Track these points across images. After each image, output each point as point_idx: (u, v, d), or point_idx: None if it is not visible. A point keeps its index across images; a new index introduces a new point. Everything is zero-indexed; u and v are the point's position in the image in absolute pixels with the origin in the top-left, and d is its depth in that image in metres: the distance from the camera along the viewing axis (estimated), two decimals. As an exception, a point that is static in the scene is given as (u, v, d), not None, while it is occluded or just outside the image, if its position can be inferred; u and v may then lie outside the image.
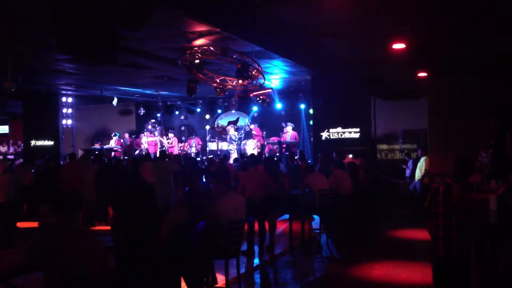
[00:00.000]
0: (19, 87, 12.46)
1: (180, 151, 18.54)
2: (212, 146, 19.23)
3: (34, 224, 10.68)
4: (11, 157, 19.60)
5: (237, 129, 19.12)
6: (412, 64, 12.03)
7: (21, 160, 17.88)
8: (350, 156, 13.11)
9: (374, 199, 12.60)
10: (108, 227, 8.96)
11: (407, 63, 11.75)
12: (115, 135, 19.78)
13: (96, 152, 15.94)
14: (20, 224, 9.99)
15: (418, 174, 13.87)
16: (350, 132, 14.37)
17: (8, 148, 21.68)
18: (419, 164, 13.88)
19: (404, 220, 11.99)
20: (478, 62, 11.81)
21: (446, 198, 4.35)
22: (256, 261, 7.94)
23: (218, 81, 13.86)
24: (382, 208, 13.36)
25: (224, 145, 18.82)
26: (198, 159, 16.02)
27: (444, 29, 8.96)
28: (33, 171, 12.86)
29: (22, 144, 21.64)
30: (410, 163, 15.22)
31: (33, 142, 19.60)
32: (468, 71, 12.76)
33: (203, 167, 13.46)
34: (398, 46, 9.84)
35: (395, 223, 11.33)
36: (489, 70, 12.27)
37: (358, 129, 14.32)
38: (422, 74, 13.16)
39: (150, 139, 19.32)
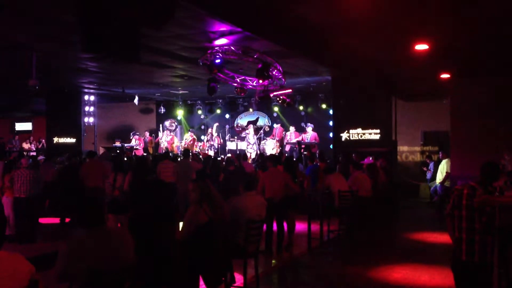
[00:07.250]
0: (42, 85, 12.66)
1: (200, 150, 18.61)
2: (231, 145, 19.26)
3: (56, 220, 10.88)
4: (34, 153, 19.89)
5: (256, 129, 19.13)
6: (434, 65, 11.88)
7: (42, 156, 18.13)
8: (371, 158, 13.00)
9: (394, 201, 12.49)
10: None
11: (430, 64, 11.61)
12: (134, 134, 19.97)
13: (118, 151, 16.10)
14: (42, 220, 10.15)
15: (439, 177, 13.70)
16: (370, 133, 14.25)
17: (31, 145, 22.02)
18: (440, 167, 13.72)
19: (424, 222, 11.85)
20: (501, 64, 11.61)
21: (470, 201, 4.28)
22: (274, 261, 7.95)
23: (238, 80, 13.88)
24: (402, 211, 13.22)
25: (243, 145, 18.84)
26: (219, 158, 16.06)
27: (468, 30, 8.84)
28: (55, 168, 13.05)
29: (43, 141, 21.94)
30: (431, 166, 15.04)
31: (55, 139, 19.90)
32: (491, 73, 12.56)
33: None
34: (421, 47, 9.72)
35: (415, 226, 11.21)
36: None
37: (378, 130, 14.19)
38: (444, 76, 12.99)
39: (169, 137, 19.45)
